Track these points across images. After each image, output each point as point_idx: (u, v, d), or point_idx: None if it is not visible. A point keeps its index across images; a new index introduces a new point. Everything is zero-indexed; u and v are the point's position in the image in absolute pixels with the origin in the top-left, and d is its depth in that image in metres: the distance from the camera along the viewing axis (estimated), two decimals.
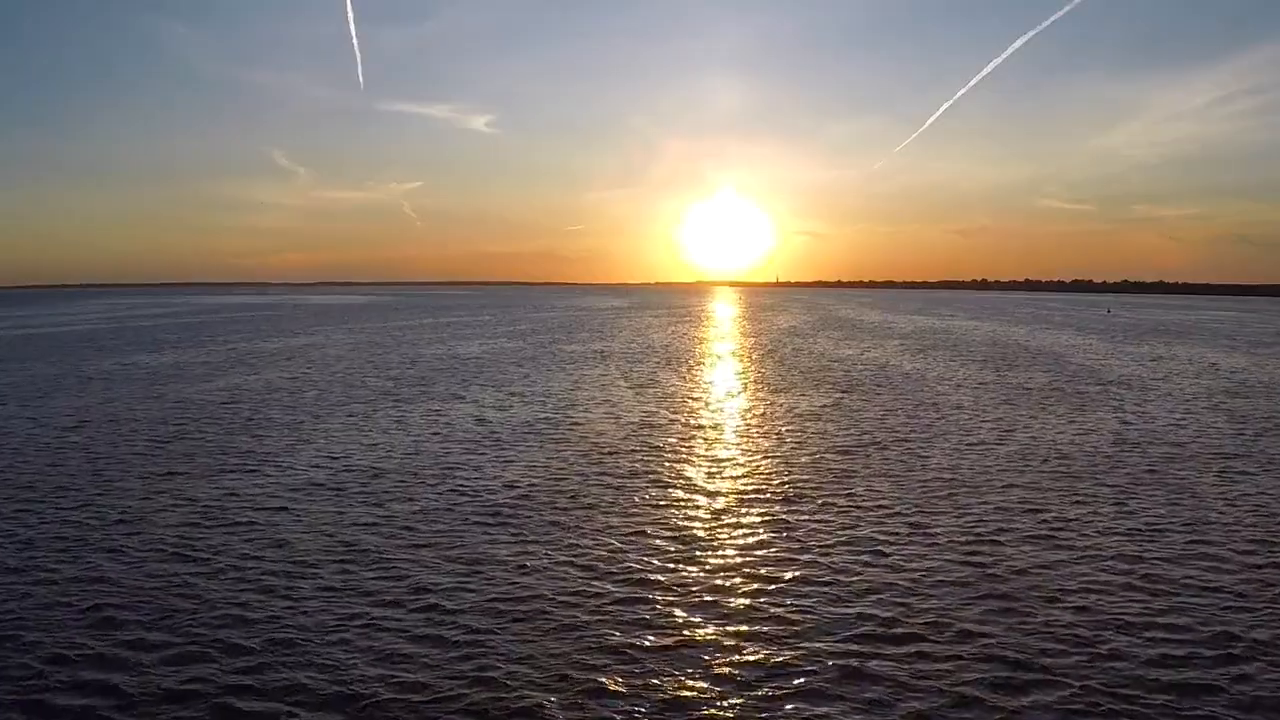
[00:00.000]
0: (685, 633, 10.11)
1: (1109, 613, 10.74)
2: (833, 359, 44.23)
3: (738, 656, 9.49)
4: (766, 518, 14.62)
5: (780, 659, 9.43)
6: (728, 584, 11.58)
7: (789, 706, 8.49)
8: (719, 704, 8.54)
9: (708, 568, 12.20)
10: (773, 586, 11.49)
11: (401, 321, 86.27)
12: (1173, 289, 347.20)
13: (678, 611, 10.68)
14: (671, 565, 12.28)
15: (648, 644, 9.81)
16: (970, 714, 8.36)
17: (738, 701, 8.57)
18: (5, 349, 51.32)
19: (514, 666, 9.23)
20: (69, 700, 8.61)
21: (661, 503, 15.57)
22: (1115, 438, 21.97)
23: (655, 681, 8.94)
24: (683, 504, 15.50)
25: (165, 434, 22.26)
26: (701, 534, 13.79)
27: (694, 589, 11.38)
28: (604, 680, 8.94)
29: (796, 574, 11.93)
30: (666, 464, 18.73)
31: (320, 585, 11.53)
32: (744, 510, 15.10)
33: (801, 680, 8.98)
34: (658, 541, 13.36)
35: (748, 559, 12.57)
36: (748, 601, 11.01)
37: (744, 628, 10.23)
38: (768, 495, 16.06)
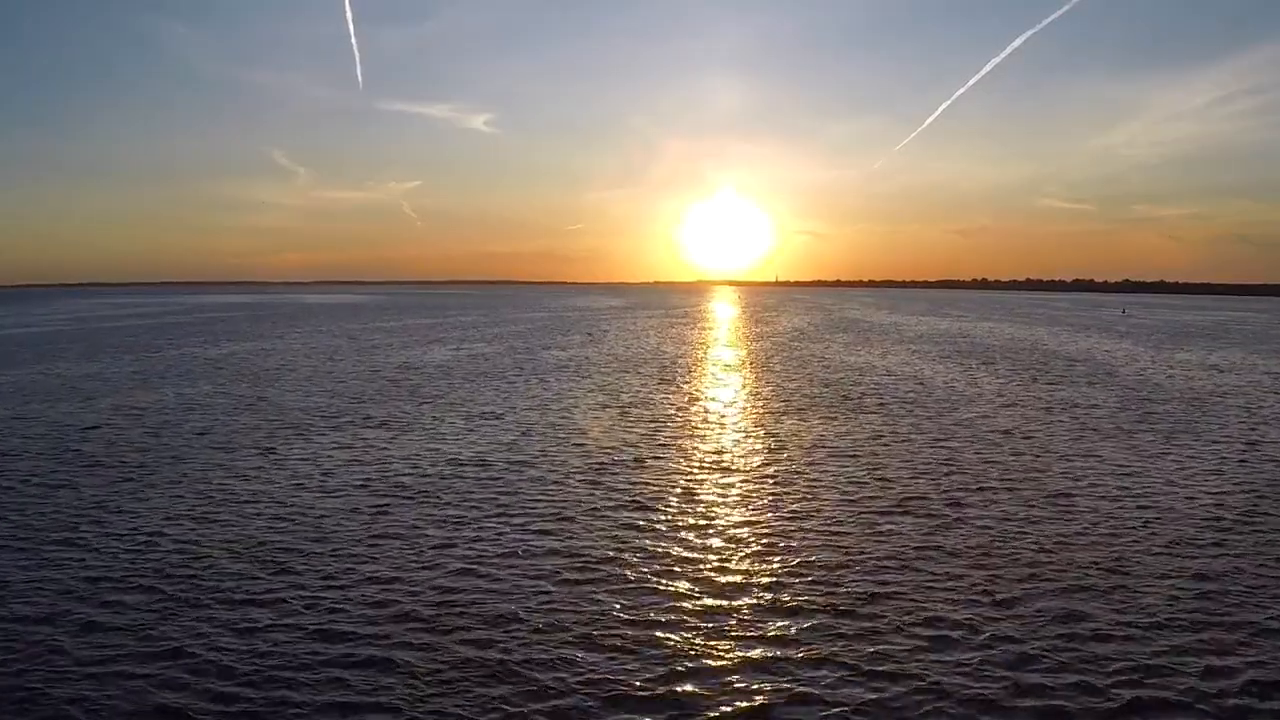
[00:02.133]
0: None
1: None
2: (848, 368, 38.64)
3: None
4: (784, 644, 9.07)
5: None
6: None
7: None
8: None
9: None
10: None
11: (381, 323, 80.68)
12: (1173, 289, 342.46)
13: None
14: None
15: None
16: None
17: None
18: None
19: None
20: None
21: (624, 606, 10.02)
22: (1252, 487, 16.38)
23: None
24: (654, 613, 9.94)
25: None
26: (678, 672, 8.24)
27: None
28: None
29: None
30: (642, 534, 13.16)
31: None
32: (750, 632, 9.54)
33: None
34: (611, 685, 7.83)
35: None
36: None
37: None
38: (784, 597, 10.49)
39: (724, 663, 8.88)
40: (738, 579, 11.29)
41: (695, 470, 17.62)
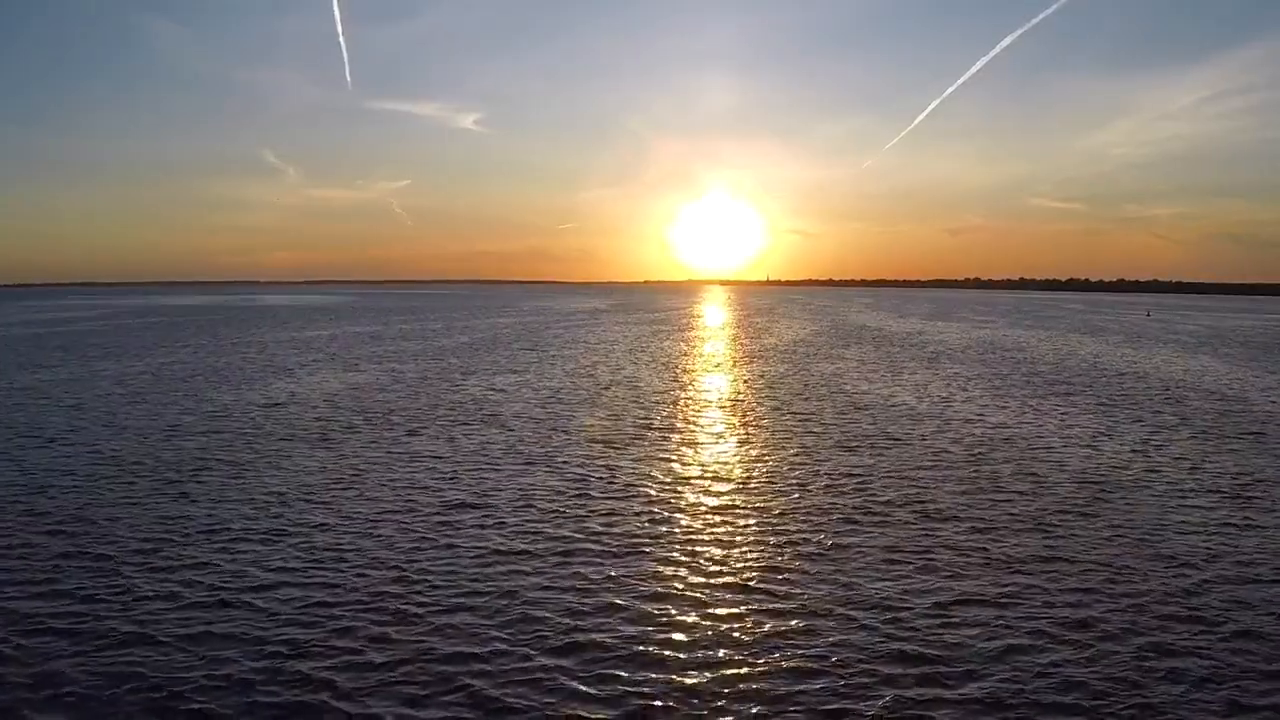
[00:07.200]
0: None
1: None
2: (895, 412, 27.45)
3: None
4: None
5: None
6: None
7: None
8: None
9: None
10: None
11: (318, 330, 69.25)
12: (1165, 288, 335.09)
13: None
14: None
15: None
16: None
17: None
18: None
19: None
20: None
21: None
22: None
23: None
24: None
25: None
26: None
27: None
28: None
29: None
30: None
31: None
32: None
33: None
34: None
35: None
36: None
37: None
38: None
39: None
40: None
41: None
